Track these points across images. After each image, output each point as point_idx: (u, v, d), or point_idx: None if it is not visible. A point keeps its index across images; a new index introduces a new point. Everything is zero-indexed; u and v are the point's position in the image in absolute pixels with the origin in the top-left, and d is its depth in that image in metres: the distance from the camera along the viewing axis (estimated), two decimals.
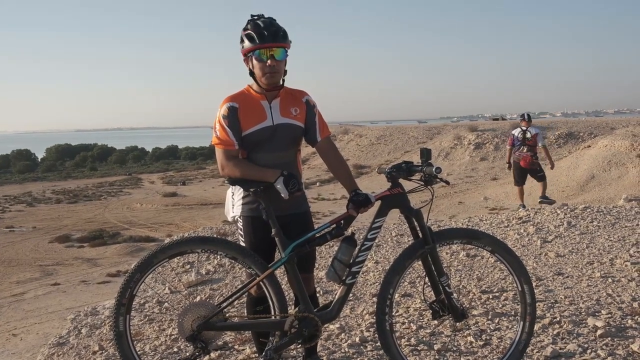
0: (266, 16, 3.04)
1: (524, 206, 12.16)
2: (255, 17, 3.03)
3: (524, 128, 12.39)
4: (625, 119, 45.32)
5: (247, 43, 2.97)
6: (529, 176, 12.73)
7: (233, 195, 3.26)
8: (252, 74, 3.05)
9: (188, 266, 7.29)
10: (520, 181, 12.75)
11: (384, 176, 3.15)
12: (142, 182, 45.19)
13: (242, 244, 3.20)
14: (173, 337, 4.51)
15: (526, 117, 12.53)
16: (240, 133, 3.05)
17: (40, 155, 79.12)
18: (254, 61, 2.99)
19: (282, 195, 2.95)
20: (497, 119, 68.74)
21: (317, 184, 31.35)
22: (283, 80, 3.09)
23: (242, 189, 3.15)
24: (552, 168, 13.46)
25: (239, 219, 3.21)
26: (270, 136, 3.08)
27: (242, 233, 3.21)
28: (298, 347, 3.06)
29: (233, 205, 3.26)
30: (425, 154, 3.09)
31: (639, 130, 22.35)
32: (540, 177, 12.76)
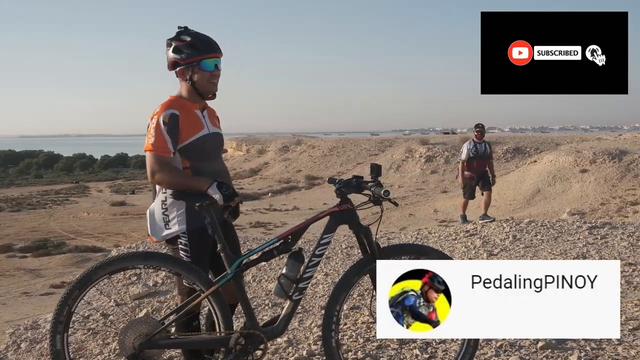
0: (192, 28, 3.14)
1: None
2: (184, 29, 3.10)
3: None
4: (570, 136, 46.94)
5: (190, 52, 3.05)
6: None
7: (166, 211, 3.09)
8: (193, 83, 3.11)
9: (135, 278, 7.13)
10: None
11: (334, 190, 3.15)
12: (90, 190, 44.03)
13: (186, 258, 3.08)
14: (117, 351, 4.39)
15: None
16: (177, 142, 3.03)
17: None
18: (199, 70, 3.09)
19: (217, 200, 2.92)
20: (447, 133, 70.31)
21: (269, 194, 31.21)
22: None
23: (183, 202, 3.06)
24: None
25: (182, 235, 3.08)
26: (209, 145, 3.16)
27: (187, 248, 3.07)
28: None
29: (168, 222, 3.09)
30: (375, 169, 3.08)
31: (582, 147, 23.19)
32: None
